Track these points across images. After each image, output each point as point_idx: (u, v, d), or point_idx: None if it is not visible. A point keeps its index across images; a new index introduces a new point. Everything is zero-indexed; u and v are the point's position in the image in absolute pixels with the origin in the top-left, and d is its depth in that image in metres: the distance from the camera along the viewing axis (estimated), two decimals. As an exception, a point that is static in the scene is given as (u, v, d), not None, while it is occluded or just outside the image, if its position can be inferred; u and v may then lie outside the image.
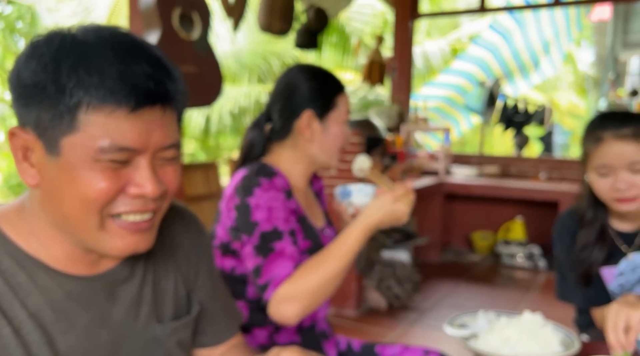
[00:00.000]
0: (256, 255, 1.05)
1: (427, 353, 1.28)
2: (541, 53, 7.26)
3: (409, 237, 3.91)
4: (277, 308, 1.00)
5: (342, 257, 1.03)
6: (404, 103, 4.77)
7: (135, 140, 0.59)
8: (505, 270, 4.04)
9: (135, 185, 0.60)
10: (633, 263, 1.36)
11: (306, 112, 1.19)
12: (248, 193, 1.09)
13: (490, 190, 4.01)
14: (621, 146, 1.24)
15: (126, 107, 0.57)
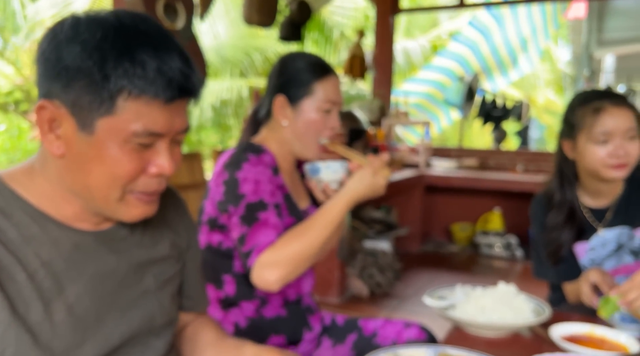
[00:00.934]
0: (241, 225, 1.08)
1: (408, 326, 1.33)
2: (519, 50, 7.43)
3: (390, 228, 3.98)
4: (259, 273, 1.03)
5: (325, 226, 1.07)
6: (385, 97, 4.84)
7: (163, 127, 0.66)
8: (484, 260, 4.15)
9: (155, 165, 0.68)
10: (603, 239, 1.43)
11: (278, 97, 1.22)
12: (236, 167, 1.13)
13: (469, 182, 4.11)
14: (620, 113, 1.33)
15: (162, 98, 0.65)
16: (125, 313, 0.74)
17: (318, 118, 1.21)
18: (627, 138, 1.33)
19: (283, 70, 1.24)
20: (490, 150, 4.78)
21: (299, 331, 1.25)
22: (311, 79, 1.21)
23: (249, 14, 3.16)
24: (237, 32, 7.49)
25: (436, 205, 4.67)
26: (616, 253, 1.43)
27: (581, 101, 1.41)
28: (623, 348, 1.03)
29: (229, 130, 7.98)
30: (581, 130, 1.38)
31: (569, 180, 1.46)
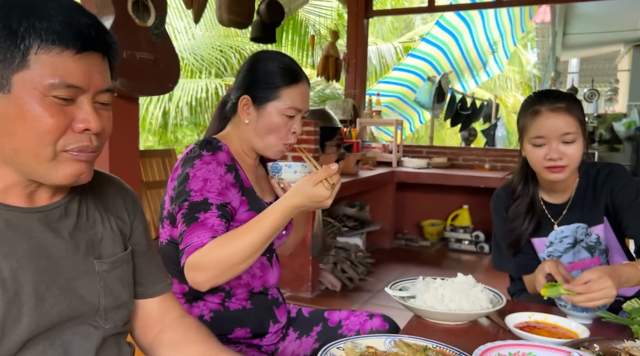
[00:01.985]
0: (182, 223, 1.09)
1: (372, 316, 1.37)
2: (488, 52, 7.61)
3: (363, 224, 4.05)
4: (187, 274, 1.04)
5: (259, 233, 1.04)
6: (358, 97, 4.91)
7: (80, 80, 0.67)
8: (453, 254, 4.28)
9: (80, 121, 0.68)
10: (561, 234, 1.50)
11: (243, 97, 1.23)
12: (189, 164, 1.14)
13: (438, 179, 4.22)
14: (556, 118, 1.37)
15: (73, 49, 0.65)
16: (66, 292, 0.73)
17: (280, 122, 1.21)
18: (563, 141, 1.37)
19: (253, 69, 1.24)
20: (459, 148, 4.91)
21: (264, 323, 1.26)
22: (280, 84, 1.21)
23: (219, 15, 3.17)
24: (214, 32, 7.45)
25: (408, 202, 4.77)
26: (573, 249, 1.50)
27: (525, 104, 1.47)
28: (574, 334, 1.10)
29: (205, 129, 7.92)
30: (524, 133, 1.44)
31: (531, 176, 1.52)
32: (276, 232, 1.07)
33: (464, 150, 4.83)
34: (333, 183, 1.05)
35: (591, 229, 1.48)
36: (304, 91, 1.25)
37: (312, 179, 1.05)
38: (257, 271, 1.25)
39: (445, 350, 0.96)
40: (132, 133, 2.43)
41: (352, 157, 3.86)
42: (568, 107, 1.38)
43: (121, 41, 2.15)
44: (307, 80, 1.27)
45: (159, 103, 6.94)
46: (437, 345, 0.98)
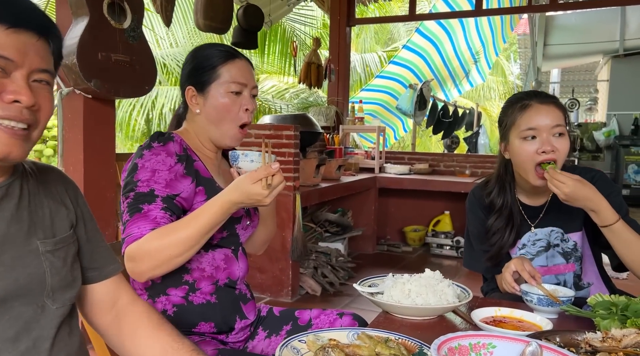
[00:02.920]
0: (126, 212, 1.09)
1: (342, 315, 1.36)
2: (471, 62, 7.73)
3: (346, 229, 4.05)
4: (126, 264, 1.05)
5: (196, 227, 1.04)
6: (341, 104, 4.94)
7: (11, 53, 0.69)
8: (435, 259, 4.30)
9: (10, 92, 0.70)
10: (534, 237, 1.49)
11: (187, 88, 1.24)
12: (138, 155, 1.14)
13: (420, 185, 4.25)
14: (547, 110, 1.36)
15: (5, 23, 0.68)
16: (11, 269, 0.74)
17: (227, 102, 1.21)
18: (554, 134, 1.35)
19: (191, 60, 1.26)
20: (441, 155, 4.96)
21: (230, 319, 1.24)
22: (216, 63, 1.22)
23: (196, 20, 3.18)
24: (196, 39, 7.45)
25: (390, 208, 4.79)
26: (546, 252, 1.48)
27: (511, 102, 1.46)
28: (538, 328, 1.11)
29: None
30: (511, 128, 1.41)
31: (509, 183, 1.50)
32: (215, 227, 1.07)
33: (445, 156, 4.87)
34: (270, 184, 1.04)
35: (568, 235, 1.47)
36: (243, 66, 1.25)
37: (250, 176, 1.05)
38: (220, 263, 1.23)
39: (407, 342, 0.96)
40: (108, 135, 2.41)
41: (334, 163, 3.87)
42: (556, 101, 1.39)
43: (96, 43, 2.14)
44: (247, 60, 1.28)
45: (142, 110, 6.90)
46: (400, 336, 0.98)
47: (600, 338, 1.00)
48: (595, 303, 1.18)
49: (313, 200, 3.37)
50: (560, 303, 1.20)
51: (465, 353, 0.90)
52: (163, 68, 7.13)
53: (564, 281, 1.49)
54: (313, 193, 3.30)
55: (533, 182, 1.38)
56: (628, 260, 1.33)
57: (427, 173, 4.63)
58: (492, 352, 0.90)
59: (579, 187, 1.26)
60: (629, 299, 1.16)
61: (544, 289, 1.25)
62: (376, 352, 0.90)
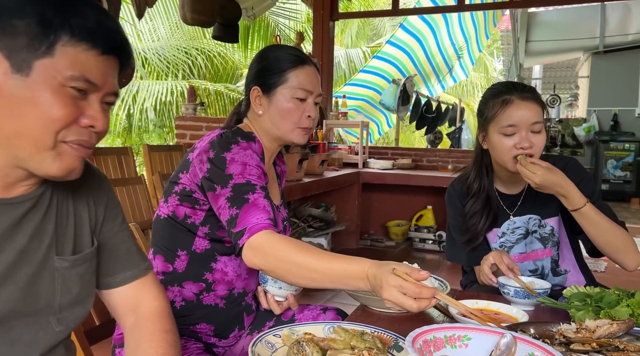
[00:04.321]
0: (230, 207, 1.07)
1: (325, 310, 1.36)
2: (454, 58, 7.77)
3: (329, 224, 4.05)
4: (247, 252, 1.03)
5: (327, 275, 0.98)
6: (325, 99, 4.92)
7: (97, 78, 0.70)
8: (417, 254, 4.33)
9: (88, 116, 0.70)
10: (513, 225, 1.51)
11: (253, 88, 1.23)
12: (225, 148, 1.12)
13: (403, 180, 4.27)
14: (526, 107, 1.38)
15: (99, 49, 0.69)
16: (22, 288, 0.72)
17: (292, 106, 1.21)
18: (532, 130, 1.38)
19: (260, 60, 1.25)
20: (424, 150, 4.99)
21: (230, 326, 1.24)
22: (285, 67, 1.21)
23: (183, 14, 3.13)
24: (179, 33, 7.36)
25: (374, 203, 4.80)
26: (525, 239, 1.51)
27: (492, 94, 1.47)
28: (515, 320, 1.12)
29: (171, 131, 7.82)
30: (491, 122, 1.43)
31: (486, 168, 1.53)
32: (338, 281, 0.99)
33: (428, 151, 4.90)
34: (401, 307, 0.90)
35: (545, 221, 1.50)
36: (312, 73, 1.25)
37: (409, 291, 0.88)
38: (243, 272, 1.23)
39: (383, 335, 0.96)
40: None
41: (317, 158, 3.86)
42: (535, 96, 1.41)
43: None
44: (315, 66, 1.28)
45: (123, 105, 6.80)
46: (375, 329, 0.97)
47: (575, 329, 1.01)
48: (570, 295, 1.20)
49: (296, 195, 3.35)
50: (536, 295, 1.21)
51: (441, 345, 0.89)
52: (144, 62, 7.03)
53: (542, 266, 1.51)
54: (296, 188, 3.28)
55: (511, 169, 1.42)
56: (599, 241, 1.37)
57: (410, 168, 4.64)
58: (467, 344, 0.90)
59: (549, 174, 1.31)
60: (603, 290, 1.18)
61: (520, 281, 1.26)
62: (351, 345, 0.89)
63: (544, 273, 1.51)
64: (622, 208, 6.98)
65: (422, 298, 0.89)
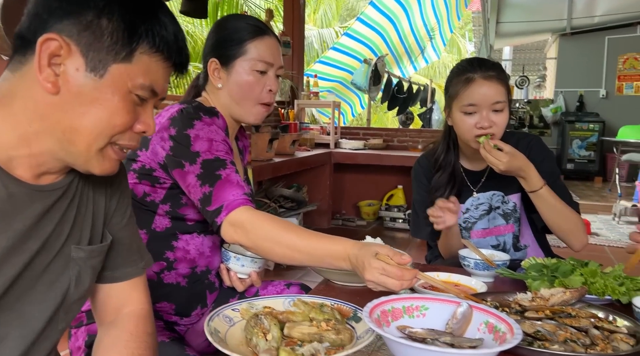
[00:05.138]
0: (202, 185, 1.04)
1: (289, 286, 1.36)
2: (426, 39, 7.78)
3: (300, 205, 4.05)
4: (227, 229, 1.01)
5: (309, 254, 0.99)
6: (296, 79, 4.87)
7: (161, 88, 0.71)
8: (388, 232, 4.39)
9: (142, 123, 0.71)
10: (477, 201, 1.54)
11: (211, 60, 1.19)
12: (188, 125, 1.08)
13: (374, 160, 4.29)
14: (488, 87, 1.38)
15: (172, 61, 0.71)
16: (37, 278, 0.70)
17: (252, 79, 1.17)
18: (493, 110, 1.39)
19: (218, 30, 1.21)
20: (394, 130, 5.01)
21: (192, 305, 1.22)
22: (244, 38, 1.17)
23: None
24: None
25: (346, 183, 4.81)
26: (488, 215, 1.54)
27: (457, 71, 1.47)
28: (474, 290, 1.14)
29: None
30: (454, 100, 1.44)
31: (453, 144, 1.54)
32: (318, 260, 1.00)
33: (399, 131, 4.93)
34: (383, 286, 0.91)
35: (508, 197, 1.52)
36: (272, 44, 1.21)
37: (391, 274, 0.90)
38: (206, 250, 1.21)
39: (342, 307, 0.96)
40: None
41: (288, 138, 3.83)
42: (498, 75, 1.41)
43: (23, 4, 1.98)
44: (276, 37, 1.24)
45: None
46: (335, 302, 0.98)
47: (530, 298, 1.04)
48: (528, 266, 1.23)
49: (266, 174, 3.33)
50: (495, 267, 1.24)
51: (399, 315, 0.90)
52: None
53: (504, 242, 1.55)
54: (266, 168, 3.25)
55: (474, 147, 1.44)
56: (551, 222, 1.42)
57: (382, 148, 4.67)
58: (425, 314, 0.91)
59: (512, 160, 1.34)
60: (559, 261, 1.21)
61: (480, 253, 1.28)
62: (310, 317, 0.89)
63: (506, 248, 1.54)
64: (586, 186, 7.21)
65: (404, 282, 0.91)
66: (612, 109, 7.75)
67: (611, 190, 6.61)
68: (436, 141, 1.62)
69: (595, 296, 1.05)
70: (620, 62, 7.76)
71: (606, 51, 7.80)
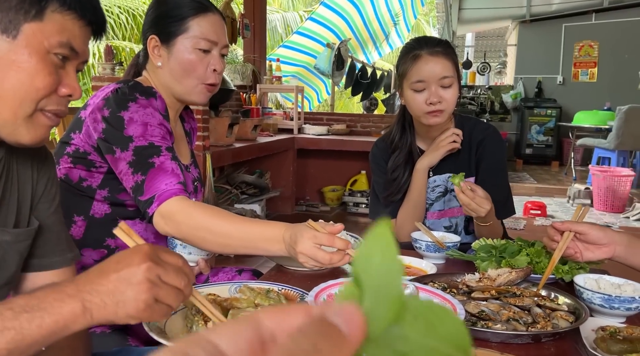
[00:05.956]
0: (134, 173, 1.00)
1: (241, 272, 1.33)
2: (390, 24, 7.78)
3: (263, 191, 4.01)
4: (158, 221, 0.99)
5: (242, 240, 0.97)
6: (259, 63, 4.78)
7: (79, 47, 0.70)
8: (351, 217, 4.41)
9: (66, 85, 0.70)
10: (433, 183, 1.55)
11: (150, 37, 1.14)
12: (122, 107, 1.03)
13: (338, 145, 4.28)
14: (434, 62, 1.39)
15: (86, 19, 0.70)
16: None
17: (194, 59, 1.12)
18: (442, 85, 1.39)
19: (158, 5, 1.16)
20: (358, 115, 5.01)
21: None
22: (186, 14, 1.12)
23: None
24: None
25: (309, 169, 4.80)
26: (444, 197, 1.56)
27: (405, 50, 1.47)
28: (424, 272, 1.15)
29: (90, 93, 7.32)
30: (404, 78, 1.44)
31: (409, 124, 1.55)
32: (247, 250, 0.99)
33: (362, 117, 4.93)
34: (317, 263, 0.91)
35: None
36: (216, 21, 1.16)
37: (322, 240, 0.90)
38: (150, 236, 1.17)
39: (289, 292, 0.95)
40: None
41: (249, 122, 3.77)
42: (445, 51, 1.42)
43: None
44: (220, 14, 1.19)
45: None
46: (282, 287, 0.96)
47: (477, 279, 1.05)
48: (478, 247, 1.25)
49: (226, 160, 3.27)
50: (446, 249, 1.25)
51: (346, 299, 0.90)
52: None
53: (456, 224, 1.57)
54: (226, 153, 3.19)
55: (425, 123, 1.45)
56: (479, 234, 1.40)
57: (345, 133, 4.66)
58: (372, 297, 0.91)
59: (488, 204, 1.28)
60: (507, 242, 1.23)
61: (432, 235, 1.29)
62: (255, 303, 0.87)
63: (457, 230, 1.57)
64: (544, 170, 7.45)
65: (335, 252, 0.89)
66: (569, 95, 8.01)
67: (567, 174, 6.86)
68: (392, 124, 1.63)
69: (540, 276, 1.08)
70: (576, 49, 8.00)
71: (563, 38, 8.02)
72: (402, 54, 1.48)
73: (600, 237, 0.99)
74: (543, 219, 4.59)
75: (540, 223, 4.44)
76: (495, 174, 1.50)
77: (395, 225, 1.57)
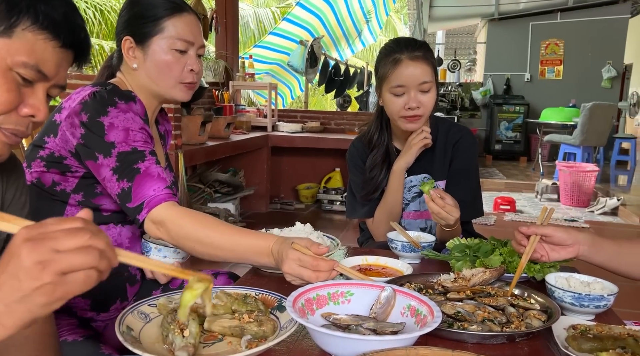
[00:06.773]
0: (119, 179, 0.98)
1: (217, 275, 1.32)
2: (363, 22, 7.81)
3: (237, 189, 3.97)
4: (149, 226, 0.99)
5: (231, 251, 0.97)
6: (231, 59, 4.72)
7: (50, 70, 0.67)
8: (326, 215, 4.42)
9: (30, 106, 0.66)
10: (409, 183, 1.56)
11: (125, 38, 1.11)
12: (101, 112, 1.00)
13: (312, 143, 4.27)
14: (414, 67, 1.40)
15: (58, 41, 0.66)
16: None
17: (171, 59, 1.11)
18: (421, 90, 1.41)
19: (131, 6, 1.13)
20: (332, 113, 5.02)
21: (110, 299, 1.16)
22: (161, 14, 1.10)
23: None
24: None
25: (284, 167, 4.78)
26: (419, 198, 1.57)
27: (385, 53, 1.47)
28: (400, 273, 1.15)
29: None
30: (383, 82, 1.44)
31: (386, 124, 1.56)
32: (236, 260, 0.99)
33: (336, 114, 4.94)
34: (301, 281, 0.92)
35: (438, 182, 1.55)
36: (192, 21, 1.14)
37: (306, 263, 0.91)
38: (125, 241, 1.14)
39: (267, 296, 0.94)
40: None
41: (222, 120, 3.72)
42: (425, 55, 1.42)
43: None
44: (195, 14, 1.16)
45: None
46: (260, 292, 0.95)
47: (452, 279, 1.06)
48: (452, 247, 1.26)
49: (199, 159, 3.22)
50: (421, 248, 1.26)
51: (324, 302, 0.89)
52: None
53: (431, 226, 1.58)
54: (199, 151, 3.14)
55: (402, 128, 1.47)
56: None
57: (319, 131, 4.66)
58: (350, 299, 0.91)
59: (457, 218, 1.29)
60: (481, 241, 1.25)
61: (407, 235, 1.30)
62: (232, 309, 0.86)
63: (432, 232, 1.58)
64: (512, 166, 7.64)
65: (320, 270, 0.91)
66: (536, 92, 8.23)
67: (534, 169, 7.05)
68: (369, 123, 1.63)
69: (513, 275, 1.10)
70: (543, 47, 8.22)
71: (530, 36, 8.22)
72: (382, 55, 1.48)
73: (565, 238, 1.02)
74: (513, 214, 4.71)
75: (510, 218, 4.55)
76: (465, 175, 1.52)
77: (372, 224, 1.58)
